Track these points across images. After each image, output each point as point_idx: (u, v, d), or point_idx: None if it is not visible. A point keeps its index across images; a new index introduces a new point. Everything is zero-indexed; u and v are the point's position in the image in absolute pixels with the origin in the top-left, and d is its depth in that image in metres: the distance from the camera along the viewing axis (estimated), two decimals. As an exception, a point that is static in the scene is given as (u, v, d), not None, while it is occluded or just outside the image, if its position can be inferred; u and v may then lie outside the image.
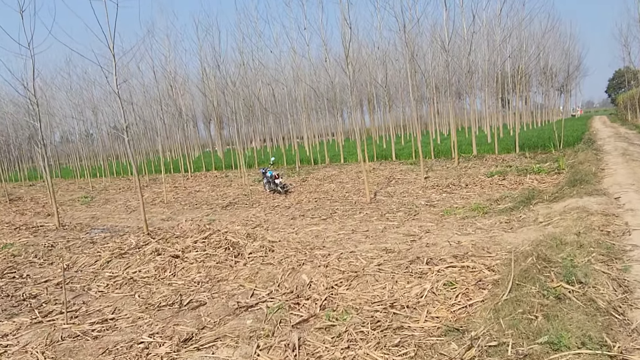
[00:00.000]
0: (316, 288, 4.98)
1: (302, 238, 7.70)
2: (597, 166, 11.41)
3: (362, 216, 9.18)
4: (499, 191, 10.49)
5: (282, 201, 12.43)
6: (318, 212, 10.08)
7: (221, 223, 9.97)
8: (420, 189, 11.91)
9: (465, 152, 20.82)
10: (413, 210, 9.22)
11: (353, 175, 17.12)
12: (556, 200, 8.40)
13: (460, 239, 6.62)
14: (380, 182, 14.20)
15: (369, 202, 10.70)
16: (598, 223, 6.19)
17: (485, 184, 11.55)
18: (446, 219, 8.19)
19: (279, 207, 11.46)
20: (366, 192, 10.79)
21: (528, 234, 6.48)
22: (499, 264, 5.17)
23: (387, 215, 8.98)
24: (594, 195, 8.17)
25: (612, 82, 76.48)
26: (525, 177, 11.64)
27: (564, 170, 11.82)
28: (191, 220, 10.88)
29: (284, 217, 9.97)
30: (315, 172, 19.53)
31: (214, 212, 11.85)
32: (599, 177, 9.97)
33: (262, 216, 10.39)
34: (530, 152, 18.74)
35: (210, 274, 5.93)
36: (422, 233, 7.31)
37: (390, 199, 10.92)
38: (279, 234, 8.15)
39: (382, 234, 7.55)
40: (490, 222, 7.60)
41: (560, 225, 6.44)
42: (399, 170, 17.25)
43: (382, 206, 10.13)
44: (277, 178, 13.48)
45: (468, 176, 13.27)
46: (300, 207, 11.04)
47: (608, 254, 4.78)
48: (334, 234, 7.82)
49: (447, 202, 9.89)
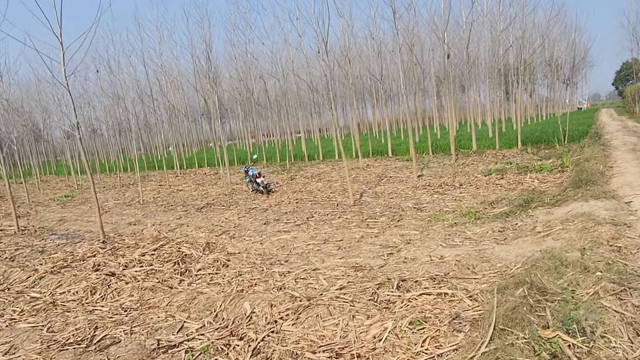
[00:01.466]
0: (257, 322, 4.04)
1: (267, 249, 6.77)
2: (605, 164, 10.37)
3: (340, 222, 8.22)
4: (495, 192, 9.49)
5: (262, 202, 11.49)
6: (295, 216, 9.14)
7: (187, 229, 9.06)
8: (411, 189, 10.94)
9: (464, 148, 19.80)
10: (398, 215, 8.26)
11: (344, 173, 16.16)
12: (558, 204, 7.40)
13: (443, 253, 5.65)
14: (370, 181, 13.23)
15: (353, 204, 9.74)
16: (607, 235, 5.20)
17: (481, 183, 10.55)
18: (432, 226, 7.22)
19: (256, 209, 10.52)
20: (349, 194, 9.83)
21: (523, 247, 5.50)
22: (485, 289, 4.22)
23: (367, 221, 8.01)
24: (602, 198, 7.17)
25: (620, 74, 74.74)
26: (526, 176, 10.63)
27: (567, 168, 10.80)
28: (159, 224, 9.99)
29: (256, 222, 9.03)
30: (307, 169, 18.59)
31: (187, 214, 10.94)
32: (607, 176, 8.95)
33: (234, 220, 9.46)
34: (533, 148, 17.68)
35: (143, 298, 5.01)
36: (402, 244, 6.35)
37: (376, 201, 9.95)
38: (242, 244, 7.21)
39: (357, 244, 6.60)
40: (481, 230, 6.62)
41: (562, 238, 5.45)
42: (393, 168, 16.27)
43: (365, 209, 9.17)
44: (258, 177, 12.54)
45: (464, 174, 12.27)
46: (278, 210, 10.10)
47: (620, 280, 3.81)
48: (303, 244, 6.87)
49: (437, 204, 8.91)
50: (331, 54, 23.83)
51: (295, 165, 21.33)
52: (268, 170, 20.04)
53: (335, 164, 19.94)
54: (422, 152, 20.58)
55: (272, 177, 17.27)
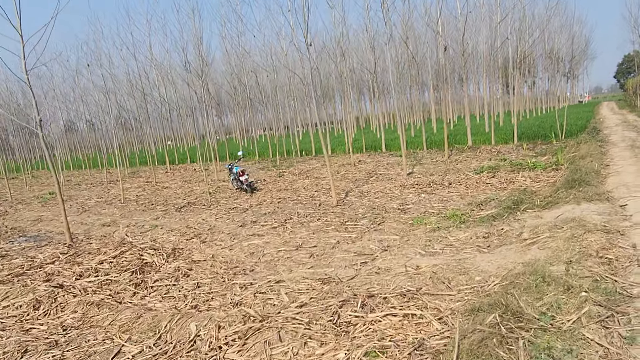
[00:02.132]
0: (200, 347, 3.60)
1: (235, 256, 6.33)
2: (601, 162, 9.90)
3: (319, 224, 7.77)
4: (485, 192, 9.03)
5: (244, 201, 11.05)
6: (273, 218, 8.69)
7: (160, 231, 8.62)
8: (398, 188, 10.48)
9: (460, 143, 19.31)
10: (380, 217, 7.80)
11: (336, 169, 15.71)
12: (549, 206, 6.95)
13: (420, 263, 5.21)
14: (358, 179, 12.77)
15: (336, 204, 9.29)
16: (597, 245, 4.75)
17: (471, 182, 10.08)
18: (414, 231, 6.77)
19: (236, 209, 10.08)
20: (332, 194, 9.37)
21: (507, 256, 5.05)
22: (458, 309, 3.78)
23: (347, 224, 7.56)
24: (595, 201, 6.71)
25: (621, 67, 73.84)
26: (518, 175, 10.16)
27: (562, 166, 10.33)
28: (133, 226, 9.56)
29: (232, 224, 8.59)
30: (297, 166, 18.13)
31: (165, 214, 10.50)
32: (602, 176, 8.48)
33: (210, 222, 9.02)
34: (530, 143, 17.19)
35: (86, 315, 4.57)
36: (378, 251, 5.90)
37: (361, 201, 9.50)
38: (211, 249, 6.78)
39: (331, 251, 6.15)
40: (465, 235, 6.17)
41: (548, 247, 5.00)
42: (385, 164, 15.80)
43: (348, 210, 8.72)
44: (242, 175, 12.07)
45: (455, 172, 11.81)
46: (258, 210, 9.65)
47: (607, 303, 3.36)
48: (274, 250, 6.43)
49: (423, 205, 8.46)
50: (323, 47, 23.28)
51: (287, 161, 20.87)
52: (258, 166, 19.60)
53: (329, 159, 19.47)
54: (417, 147, 20.12)
55: (261, 173, 16.83)
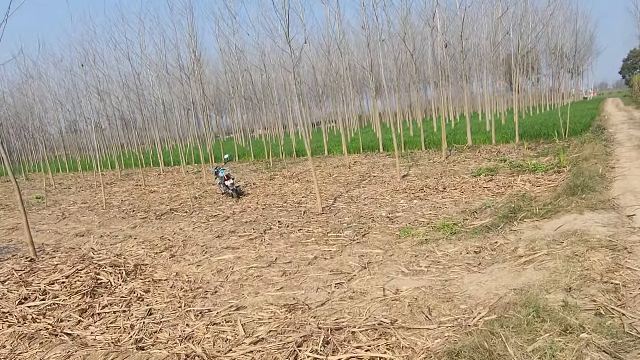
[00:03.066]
0: (125, 400, 3.04)
1: (201, 273, 5.76)
2: (606, 163, 9.26)
3: (299, 235, 7.18)
4: (481, 197, 8.41)
5: (228, 208, 10.48)
6: (253, 227, 8.11)
7: (132, 242, 8.07)
8: (390, 193, 9.87)
9: (459, 142, 18.67)
10: (366, 227, 7.21)
11: (329, 171, 15.12)
12: (548, 215, 6.33)
13: (401, 284, 4.62)
14: (350, 182, 12.17)
15: (321, 212, 8.70)
16: (601, 266, 4.14)
17: (467, 186, 9.46)
18: (400, 244, 6.17)
19: (218, 217, 9.51)
20: (318, 201, 8.77)
21: (498, 278, 4.45)
22: (435, 349, 3.18)
23: (329, 235, 6.97)
24: (599, 210, 6.09)
25: (627, 63, 72.75)
26: (517, 178, 9.52)
27: (565, 168, 9.69)
28: (107, 236, 9.01)
29: (209, 234, 8.02)
30: (291, 167, 17.56)
31: (144, 222, 9.94)
32: (607, 180, 7.85)
33: (187, 231, 8.45)
34: (532, 142, 16.53)
35: (14, 352, 4.01)
36: (357, 269, 5.31)
37: (349, 208, 8.90)
38: (177, 265, 6.21)
39: (305, 269, 5.56)
40: (454, 250, 5.57)
41: (545, 267, 4.39)
42: (381, 165, 15.22)
43: (333, 219, 8.12)
44: (227, 179, 11.48)
45: (452, 175, 11.19)
46: (240, 219, 9.08)
47: (613, 349, 2.76)
48: (244, 267, 5.85)
49: (413, 213, 7.85)
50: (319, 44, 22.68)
51: (282, 162, 20.31)
52: (252, 168, 19.04)
53: (323, 160, 18.91)
54: (415, 147, 19.50)
55: (253, 176, 16.27)
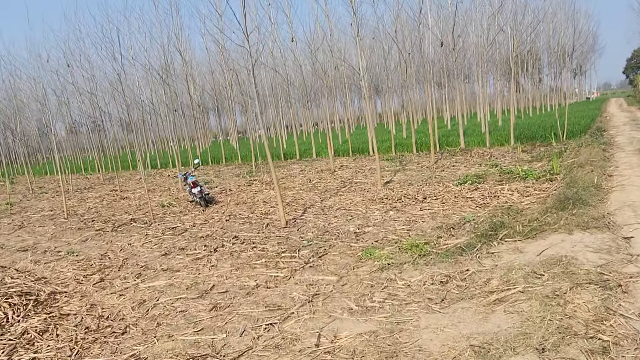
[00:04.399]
0: None
1: (121, 305, 4.89)
2: (603, 171, 8.36)
3: (250, 255, 6.31)
4: (462, 210, 7.52)
5: (192, 218, 9.63)
6: (206, 243, 7.25)
7: (70, 259, 7.22)
8: (366, 203, 8.99)
9: (452, 145, 17.79)
10: (327, 246, 6.33)
11: (310, 176, 14.26)
12: (533, 234, 5.44)
13: (342, 329, 3.75)
14: (329, 189, 11.29)
15: (285, 225, 7.83)
16: (587, 313, 3.26)
17: (449, 196, 8.56)
18: (359, 269, 5.30)
19: (175, 230, 8.65)
20: (281, 214, 7.89)
21: (460, 323, 3.57)
22: None
23: (283, 256, 6.10)
24: (592, 229, 5.20)
25: (631, 62, 71.59)
26: (505, 186, 8.63)
27: (558, 176, 8.78)
28: (50, 251, 8.16)
29: (157, 251, 7.16)
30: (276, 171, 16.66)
31: (97, 235, 9.09)
32: (604, 191, 6.95)
33: (135, 247, 7.59)
34: (528, 145, 15.65)
35: None
36: (299, 304, 4.44)
37: (316, 220, 8.03)
38: (99, 294, 5.35)
39: (240, 301, 4.69)
40: (418, 279, 4.69)
41: (518, 310, 3.51)
42: (367, 170, 14.36)
43: (295, 234, 7.25)
44: (194, 186, 10.60)
45: (437, 181, 10.29)
46: (197, 232, 8.21)
47: None
48: (173, 297, 4.98)
49: (384, 228, 6.97)
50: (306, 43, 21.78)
51: (267, 165, 19.46)
52: (236, 172, 18.19)
53: (310, 164, 18.07)
54: (405, 149, 18.61)
55: (232, 181, 15.42)
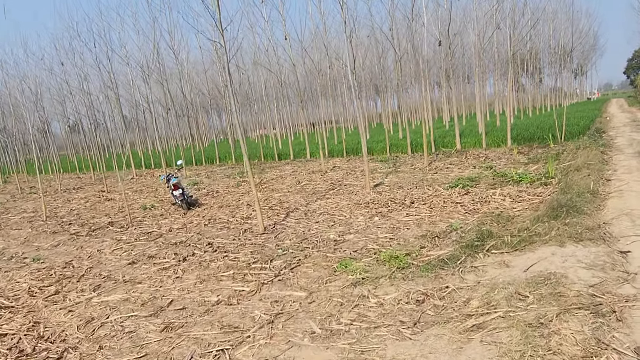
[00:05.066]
0: None
1: (66, 324, 4.47)
2: (601, 175, 7.91)
3: (219, 265, 5.88)
4: (450, 216, 7.08)
5: (170, 222, 9.20)
6: (177, 251, 6.82)
7: (30, 268, 6.79)
8: (351, 207, 8.55)
9: (448, 146, 17.37)
10: (302, 255, 5.90)
11: (300, 178, 13.83)
12: (522, 246, 5.01)
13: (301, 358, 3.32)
14: (316, 192, 10.86)
15: (263, 231, 7.40)
16: (575, 346, 2.83)
17: (438, 201, 8.12)
18: (331, 283, 4.87)
19: (150, 235, 8.23)
20: (259, 220, 7.44)
21: (430, 354, 3.14)
22: None
23: (254, 266, 5.67)
24: (585, 241, 4.77)
25: (632, 63, 70.97)
26: (497, 191, 8.19)
27: (553, 180, 8.34)
28: (17, 257, 7.74)
29: (125, 259, 6.73)
30: (266, 173, 16.31)
31: (70, 239, 8.67)
32: (600, 197, 6.51)
33: (104, 254, 7.17)
34: (525, 146, 15.22)
35: None
36: (258, 326, 4.01)
37: (297, 226, 7.59)
38: (48, 310, 4.93)
39: (196, 320, 4.26)
40: (393, 297, 4.26)
41: (497, 342, 3.08)
42: (359, 172, 13.94)
43: (271, 241, 6.82)
44: (176, 188, 10.16)
45: (428, 185, 9.86)
46: (173, 238, 7.79)
47: None
48: (124, 315, 4.55)
49: (366, 235, 6.54)
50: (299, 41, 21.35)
51: (260, 166, 19.05)
52: (227, 172, 17.75)
53: (303, 164, 17.66)
54: (401, 150, 18.19)
55: (222, 182, 15.02)
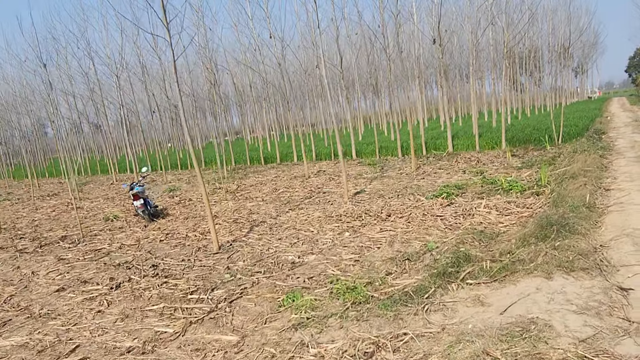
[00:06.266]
0: None
1: None
2: (599, 183, 7.06)
3: (151, 296, 5.04)
4: (428, 232, 6.24)
5: (126, 237, 8.37)
6: (116, 274, 5.99)
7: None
8: (321, 220, 7.69)
9: (439, 149, 16.51)
10: (250, 282, 5.06)
11: (279, 184, 12.98)
12: (502, 275, 4.17)
13: None
14: (291, 201, 10.02)
15: (218, 250, 6.56)
16: None
17: (418, 213, 7.27)
18: (273, 321, 4.03)
19: (97, 253, 7.40)
20: (213, 239, 6.59)
21: None
22: None
23: (189, 299, 4.83)
24: (577, 271, 3.93)
25: (633, 61, 69.92)
26: (484, 201, 7.33)
27: (546, 189, 7.48)
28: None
29: (54, 285, 5.88)
30: (250, 177, 15.52)
31: (11, 258, 7.81)
32: (598, 211, 5.65)
33: (35, 278, 6.33)
34: (521, 148, 14.37)
35: None
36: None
37: (257, 244, 6.75)
38: None
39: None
40: (337, 346, 3.42)
41: None
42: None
43: (223, 263, 5.98)
44: (136, 198, 9.31)
45: (410, 193, 9.01)
46: (119, 257, 6.95)
47: None
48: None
49: (326, 259, 5.69)
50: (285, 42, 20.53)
51: (245, 170, 18.24)
52: (208, 177, 16.90)
53: (290, 169, 16.84)
54: (391, 153, 17.35)
55: (198, 189, 14.13)
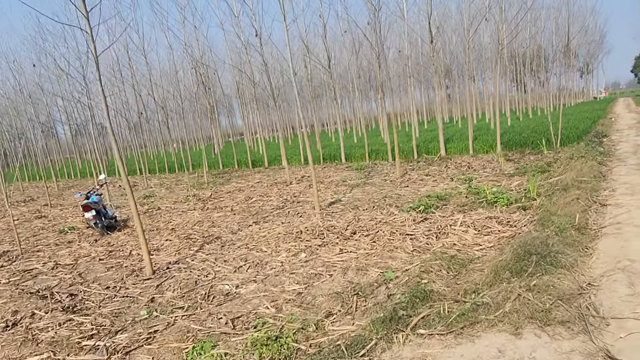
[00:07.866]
0: None
1: None
2: (594, 196, 6.13)
3: (43, 340, 4.18)
4: (393, 255, 5.35)
5: (68, 254, 7.55)
6: (23, 306, 5.15)
7: None
8: (281, 238, 6.82)
9: (431, 152, 15.62)
10: (163, 324, 4.21)
11: (260, 191, 12.14)
12: (460, 326, 3.29)
13: None
14: (260, 212, 9.17)
15: (151, 275, 5.70)
16: None
17: (386, 230, 6.37)
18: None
19: (29, 273, 6.58)
20: (147, 263, 5.72)
21: None
22: None
23: (82, 345, 3.98)
24: (555, 325, 3.06)
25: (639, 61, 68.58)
26: (461, 218, 6.43)
27: (535, 202, 6.57)
28: None
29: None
30: (229, 183, 14.71)
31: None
32: (590, 235, 4.74)
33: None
34: (517, 152, 13.44)
35: None
36: None
37: (200, 266, 5.88)
38: None
39: None
40: None
41: None
42: (327, 182, 12.33)
43: (149, 293, 5.12)
44: (87, 210, 8.46)
45: (387, 205, 8.13)
46: (46, 280, 6.13)
47: None
48: None
49: (266, 290, 4.82)
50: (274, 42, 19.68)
51: (227, 174, 17.47)
52: (189, 182, 16.08)
53: (275, 173, 16.03)
54: (382, 158, 16.46)
55: (175, 196, 13.32)
